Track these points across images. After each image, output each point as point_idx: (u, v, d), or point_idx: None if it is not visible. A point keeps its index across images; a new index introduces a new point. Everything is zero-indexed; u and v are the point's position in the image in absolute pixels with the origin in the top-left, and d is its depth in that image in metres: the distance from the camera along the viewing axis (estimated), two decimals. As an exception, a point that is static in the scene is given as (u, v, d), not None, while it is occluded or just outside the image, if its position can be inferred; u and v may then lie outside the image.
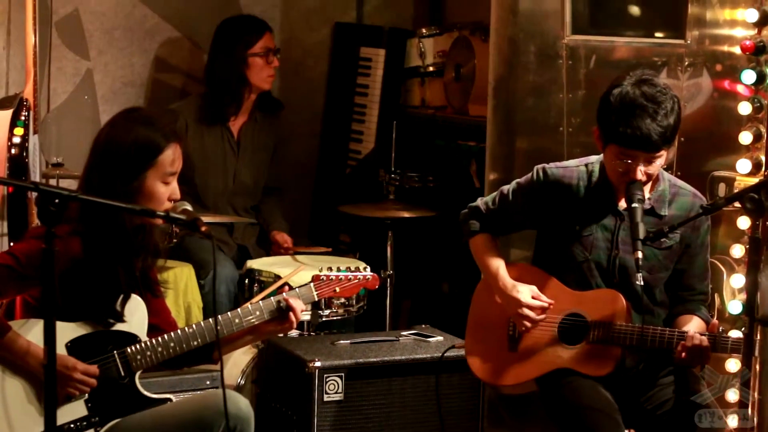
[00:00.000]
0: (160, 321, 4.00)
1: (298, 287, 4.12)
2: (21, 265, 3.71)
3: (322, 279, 4.19)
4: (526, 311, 4.18)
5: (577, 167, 4.25)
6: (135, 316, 3.89)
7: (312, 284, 4.15)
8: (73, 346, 3.79)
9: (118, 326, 3.86)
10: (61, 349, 3.72)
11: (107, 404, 3.84)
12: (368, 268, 4.39)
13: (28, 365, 3.72)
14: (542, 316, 4.18)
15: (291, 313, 4.00)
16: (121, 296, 3.86)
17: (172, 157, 3.88)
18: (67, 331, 3.78)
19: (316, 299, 4.20)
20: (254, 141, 6.20)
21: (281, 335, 5.04)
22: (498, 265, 4.29)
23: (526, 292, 4.20)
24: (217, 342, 3.90)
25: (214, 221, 5.79)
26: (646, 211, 4.08)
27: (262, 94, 6.19)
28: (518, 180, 4.36)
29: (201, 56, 6.53)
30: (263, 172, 6.25)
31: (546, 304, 4.18)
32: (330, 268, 4.25)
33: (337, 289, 4.23)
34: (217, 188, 6.12)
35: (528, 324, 4.19)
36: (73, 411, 3.79)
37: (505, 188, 4.37)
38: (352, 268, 4.29)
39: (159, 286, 4.06)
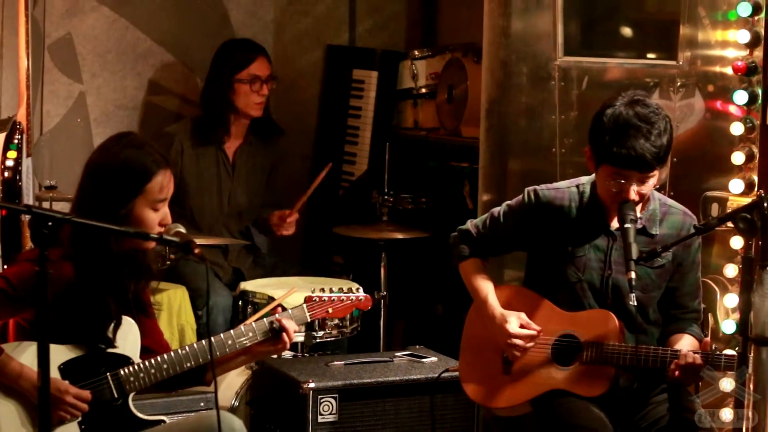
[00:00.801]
0: (152, 342, 3.98)
1: (291, 309, 4.11)
2: (13, 288, 3.69)
3: (315, 300, 4.19)
4: (515, 341, 4.18)
5: (568, 188, 4.26)
6: (128, 339, 3.87)
7: (305, 305, 4.15)
8: (66, 369, 3.78)
9: (111, 349, 3.85)
10: (54, 372, 3.71)
11: (101, 426, 3.82)
12: (361, 289, 4.40)
13: (21, 388, 3.70)
14: (531, 344, 4.18)
15: (284, 334, 3.99)
16: (113, 323, 3.84)
17: (161, 183, 3.83)
18: (60, 354, 3.77)
19: (309, 320, 4.19)
20: (249, 163, 6.19)
21: (275, 356, 5.04)
22: (487, 291, 4.29)
23: (514, 322, 4.19)
24: (211, 363, 3.88)
25: (209, 243, 5.78)
26: (638, 231, 4.08)
27: (261, 118, 6.18)
28: (508, 202, 4.35)
29: (194, 79, 6.54)
30: (258, 193, 6.25)
31: (534, 332, 4.18)
32: (323, 289, 4.25)
33: (330, 310, 4.23)
34: (213, 210, 6.12)
35: (517, 353, 4.19)
36: (66, 433, 3.78)
37: (496, 211, 4.37)
38: (345, 289, 4.29)
39: (152, 307, 4.05)
